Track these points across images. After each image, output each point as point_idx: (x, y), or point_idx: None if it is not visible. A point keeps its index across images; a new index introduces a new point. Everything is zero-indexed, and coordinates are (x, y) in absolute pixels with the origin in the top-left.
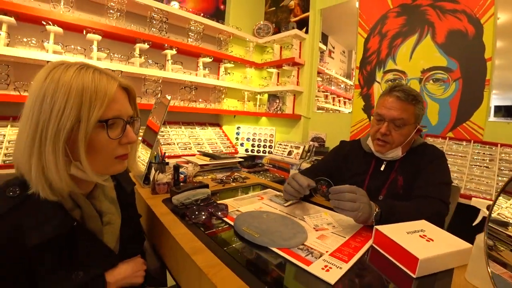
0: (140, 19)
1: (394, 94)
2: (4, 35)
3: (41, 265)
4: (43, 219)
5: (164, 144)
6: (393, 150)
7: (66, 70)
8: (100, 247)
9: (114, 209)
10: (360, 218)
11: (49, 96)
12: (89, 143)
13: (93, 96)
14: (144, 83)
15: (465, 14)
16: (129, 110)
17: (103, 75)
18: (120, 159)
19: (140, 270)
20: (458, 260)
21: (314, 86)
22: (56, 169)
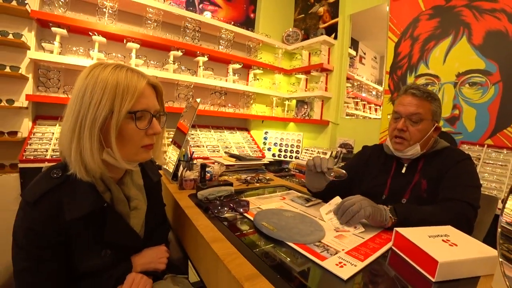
0: (175, 28)
1: (410, 92)
2: (58, 45)
3: (76, 239)
4: (79, 198)
5: (193, 146)
6: (411, 147)
7: (104, 69)
8: (127, 230)
9: (141, 195)
10: (368, 213)
11: (89, 90)
12: (119, 132)
13: (125, 91)
14: (177, 88)
15: (504, 13)
16: (156, 105)
17: (135, 73)
18: (145, 149)
19: (163, 257)
20: (484, 268)
21: (343, 92)
22: (91, 153)
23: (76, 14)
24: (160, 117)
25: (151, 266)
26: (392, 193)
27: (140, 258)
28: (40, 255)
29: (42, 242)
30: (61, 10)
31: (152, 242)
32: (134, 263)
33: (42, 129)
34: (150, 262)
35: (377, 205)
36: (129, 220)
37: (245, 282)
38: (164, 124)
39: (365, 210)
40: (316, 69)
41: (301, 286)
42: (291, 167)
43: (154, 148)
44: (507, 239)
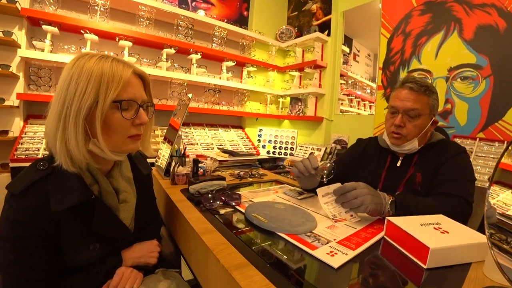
0: (168, 26)
1: (407, 86)
2: (49, 43)
3: (64, 231)
4: (66, 190)
5: (187, 144)
6: (409, 142)
7: (89, 59)
8: (116, 222)
9: (130, 188)
10: (369, 210)
11: (74, 80)
12: (105, 122)
13: (110, 80)
14: (170, 86)
15: (495, 8)
16: (144, 95)
17: (120, 63)
18: (132, 139)
19: (154, 251)
20: (475, 255)
21: (337, 88)
22: (76, 143)
23: (68, 12)
24: (148, 108)
25: (142, 261)
26: (386, 186)
27: (131, 252)
28: (26, 247)
29: (28, 233)
30: (52, 8)
31: (144, 237)
32: (124, 258)
33: (33, 128)
34: (141, 256)
35: (379, 197)
36: (118, 213)
37: (233, 271)
38: (152, 115)
39: (367, 208)
40: (310, 66)
41: (291, 274)
42: (286, 164)
43: (142, 139)
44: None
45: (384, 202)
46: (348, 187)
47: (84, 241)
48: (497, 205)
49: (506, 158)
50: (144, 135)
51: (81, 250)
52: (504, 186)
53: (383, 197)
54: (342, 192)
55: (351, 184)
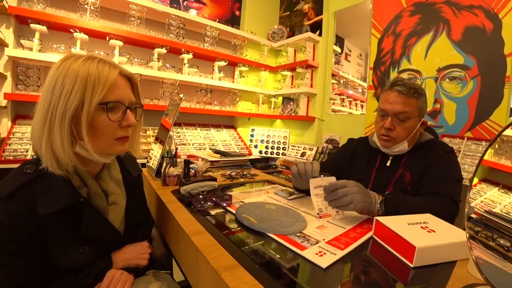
0: (159, 25)
1: (396, 89)
2: (37, 42)
3: (52, 234)
4: (53, 193)
5: (179, 144)
6: (399, 144)
7: (75, 60)
8: (105, 224)
9: (119, 190)
10: (358, 208)
11: (60, 81)
12: (92, 124)
13: (96, 81)
14: (161, 86)
15: (482, 9)
16: (131, 97)
17: (106, 64)
18: (120, 141)
19: (145, 253)
20: (461, 253)
21: (328, 88)
22: (61, 145)
23: (56, 10)
24: (136, 110)
25: (133, 262)
26: (376, 186)
27: (121, 254)
28: (13, 251)
29: (15, 237)
30: (40, 6)
31: (135, 239)
32: (114, 260)
33: (22, 129)
34: (131, 258)
35: (369, 196)
36: (107, 216)
37: (223, 272)
38: (141, 116)
39: (356, 206)
40: (302, 66)
41: (280, 275)
42: (278, 164)
43: (131, 140)
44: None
45: (373, 201)
46: (338, 185)
47: (73, 244)
48: (485, 203)
49: (493, 156)
50: (133, 137)
51: (70, 253)
52: (491, 183)
53: (373, 196)
54: (333, 190)
55: (342, 181)
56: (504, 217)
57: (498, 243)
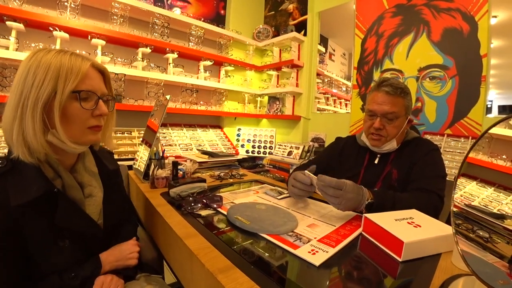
0: (143, 24)
1: (383, 89)
2: (14, 40)
3: (28, 229)
4: (26, 184)
5: (165, 145)
6: (388, 142)
7: (47, 53)
8: (82, 216)
9: (95, 182)
10: (341, 209)
11: (32, 72)
12: (64, 112)
13: (69, 71)
14: (146, 86)
15: (459, 12)
16: (103, 88)
17: (79, 57)
18: (92, 130)
19: (133, 252)
20: (445, 245)
21: (314, 87)
22: (33, 133)
23: (34, 7)
24: (108, 101)
25: (121, 264)
26: (365, 183)
27: (108, 256)
28: None
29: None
30: (17, 3)
31: (120, 237)
32: (102, 262)
33: None
34: (119, 259)
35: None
36: (84, 208)
37: (218, 274)
38: (113, 108)
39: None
40: (287, 65)
41: (275, 274)
42: (265, 163)
43: (104, 132)
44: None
45: (362, 201)
46: (334, 184)
47: (51, 237)
48: (464, 196)
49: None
50: (106, 128)
51: (49, 248)
52: (470, 178)
53: (362, 197)
54: (328, 185)
55: (339, 183)
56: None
57: (478, 235)
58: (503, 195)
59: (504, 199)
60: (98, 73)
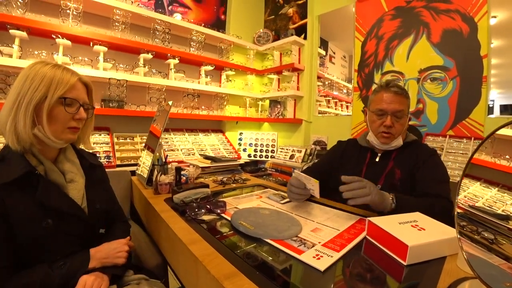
0: (144, 30)
1: (392, 90)
2: (17, 48)
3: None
4: (11, 168)
5: (168, 150)
6: (396, 139)
7: (45, 65)
8: (63, 196)
9: (76, 169)
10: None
11: (30, 78)
12: (51, 113)
13: (60, 81)
14: (148, 92)
15: (458, 13)
16: (85, 98)
17: (69, 71)
18: (71, 130)
19: (122, 251)
20: (450, 248)
21: (315, 90)
22: (24, 125)
23: (37, 15)
24: (88, 110)
25: (109, 261)
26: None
27: (97, 252)
28: None
29: None
30: (20, 11)
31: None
32: (91, 257)
33: (2, 139)
34: (107, 257)
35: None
36: (67, 192)
37: (224, 281)
38: (92, 115)
39: (374, 197)
40: (288, 69)
41: (280, 280)
42: (268, 167)
43: (83, 133)
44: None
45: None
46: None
47: (35, 216)
48: (468, 197)
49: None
50: (85, 131)
51: (33, 228)
52: (473, 178)
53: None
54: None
55: (359, 178)
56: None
57: (483, 237)
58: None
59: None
60: (84, 86)
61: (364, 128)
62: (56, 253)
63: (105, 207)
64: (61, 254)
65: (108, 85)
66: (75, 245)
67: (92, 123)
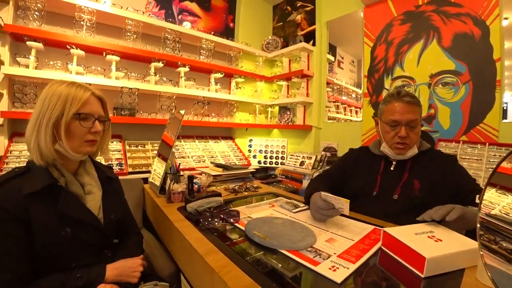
0: (155, 39)
1: (404, 100)
2: (33, 59)
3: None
4: (36, 179)
5: (178, 157)
6: (411, 149)
7: (60, 84)
8: (82, 207)
9: (94, 182)
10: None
11: (48, 98)
12: (69, 129)
13: (74, 99)
14: (159, 100)
15: (469, 17)
16: (101, 112)
17: (82, 88)
18: (89, 143)
19: (136, 271)
20: (468, 260)
21: (324, 96)
22: (45, 142)
23: (53, 27)
24: (104, 122)
25: (123, 279)
26: (382, 189)
27: (114, 269)
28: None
29: (4, 216)
30: (36, 23)
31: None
32: (107, 271)
33: (19, 146)
34: (122, 275)
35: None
36: (85, 202)
37: None
38: (109, 127)
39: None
40: (297, 75)
41: None
42: (278, 173)
43: (101, 144)
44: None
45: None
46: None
47: (54, 226)
48: (484, 204)
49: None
50: (102, 141)
51: (53, 236)
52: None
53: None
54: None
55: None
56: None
57: (501, 246)
58: None
59: None
60: (98, 100)
61: (375, 135)
62: (71, 261)
63: (120, 218)
64: (75, 262)
65: (120, 94)
66: (89, 253)
67: (109, 134)
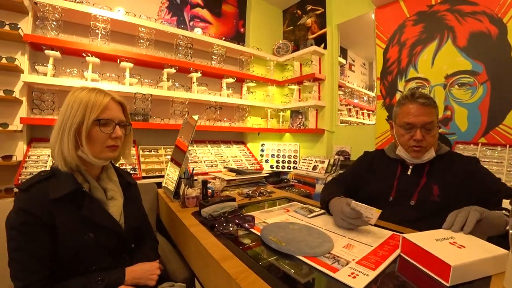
0: (167, 46)
1: (418, 101)
2: (51, 67)
3: (59, 220)
4: (61, 184)
5: (191, 162)
6: (428, 152)
7: (81, 91)
8: (105, 212)
9: (116, 188)
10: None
11: (70, 105)
12: (90, 135)
13: (94, 105)
14: (172, 105)
15: (485, 15)
16: (121, 117)
17: (102, 93)
18: (110, 149)
19: (154, 274)
20: (495, 267)
21: (336, 100)
22: (68, 149)
23: (69, 36)
24: (125, 126)
25: (141, 282)
26: (399, 194)
27: (132, 272)
28: (28, 233)
29: (30, 220)
30: (54, 33)
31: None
32: (126, 274)
33: (37, 151)
34: (140, 278)
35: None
36: (108, 208)
37: None
38: (130, 131)
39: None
40: (308, 79)
41: None
42: (290, 178)
43: (123, 148)
44: None
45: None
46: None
47: (79, 229)
48: None
49: None
50: (124, 146)
51: (76, 240)
52: None
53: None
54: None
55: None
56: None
57: None
58: None
59: None
60: (118, 104)
61: (390, 138)
62: (91, 264)
63: (138, 224)
64: (96, 265)
65: (133, 100)
66: (109, 257)
67: (131, 138)
